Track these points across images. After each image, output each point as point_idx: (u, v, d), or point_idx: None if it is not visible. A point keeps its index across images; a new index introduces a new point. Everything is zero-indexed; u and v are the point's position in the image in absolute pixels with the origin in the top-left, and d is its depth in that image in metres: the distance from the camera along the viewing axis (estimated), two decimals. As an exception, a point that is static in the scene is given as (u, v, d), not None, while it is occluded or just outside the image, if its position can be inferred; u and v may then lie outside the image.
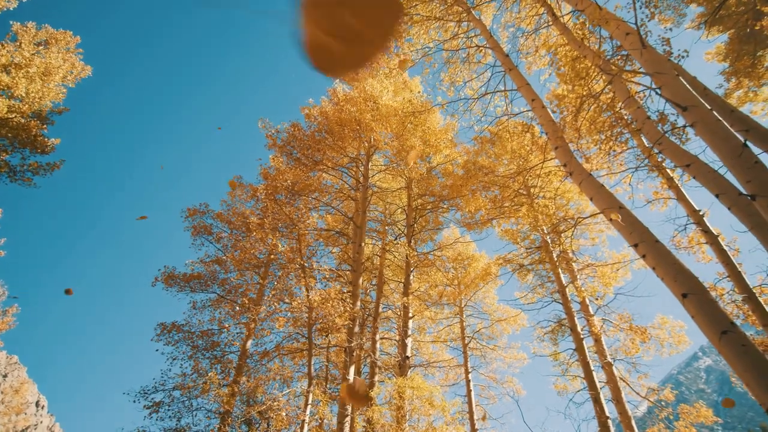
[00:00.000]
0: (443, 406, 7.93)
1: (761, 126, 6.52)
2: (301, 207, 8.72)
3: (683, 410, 12.78)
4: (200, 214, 9.45)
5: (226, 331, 8.82)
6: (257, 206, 9.04)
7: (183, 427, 7.87)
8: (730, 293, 10.48)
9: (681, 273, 4.77)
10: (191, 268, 9.27)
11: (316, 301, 7.33)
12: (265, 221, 8.10)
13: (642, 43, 5.88)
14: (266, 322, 8.62)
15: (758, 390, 3.77)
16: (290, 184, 8.81)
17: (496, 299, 15.61)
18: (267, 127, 9.79)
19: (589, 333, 11.76)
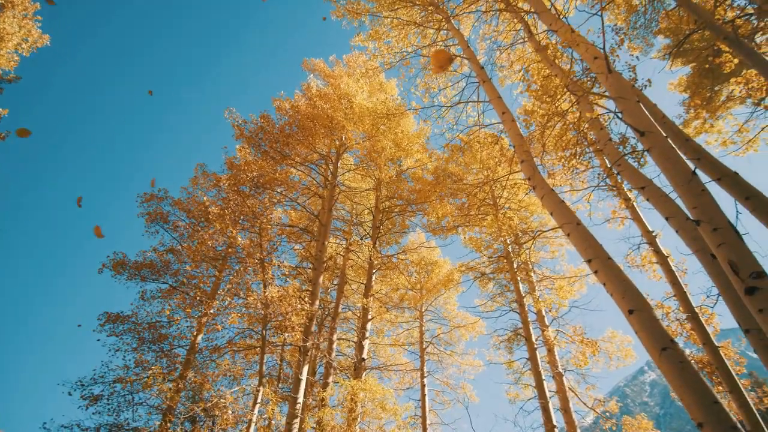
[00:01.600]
0: (395, 410, 7.91)
1: (712, 156, 6.84)
2: (266, 201, 8.51)
3: (626, 422, 13.33)
4: (158, 200, 9.00)
5: (176, 324, 8.46)
6: (219, 196, 8.75)
7: (121, 422, 7.46)
8: (675, 312, 11.03)
9: (629, 290, 4.94)
10: (143, 256, 8.83)
11: (273, 298, 7.16)
12: (226, 212, 7.84)
13: (608, 68, 6.06)
14: (219, 316, 8.32)
15: (692, 405, 3.94)
16: (256, 176, 8.59)
17: (456, 305, 15.84)
18: (233, 117, 9.51)
19: (543, 343, 12.08)
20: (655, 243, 11.24)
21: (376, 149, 10.23)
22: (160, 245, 8.99)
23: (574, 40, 7.13)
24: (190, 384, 7.75)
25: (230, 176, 8.62)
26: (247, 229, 8.52)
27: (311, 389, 9.27)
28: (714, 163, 6.66)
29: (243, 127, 9.45)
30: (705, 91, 14.31)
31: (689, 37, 12.66)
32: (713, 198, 4.52)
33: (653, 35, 13.90)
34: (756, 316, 3.81)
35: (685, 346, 11.84)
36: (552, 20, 7.70)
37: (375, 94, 12.25)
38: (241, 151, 9.48)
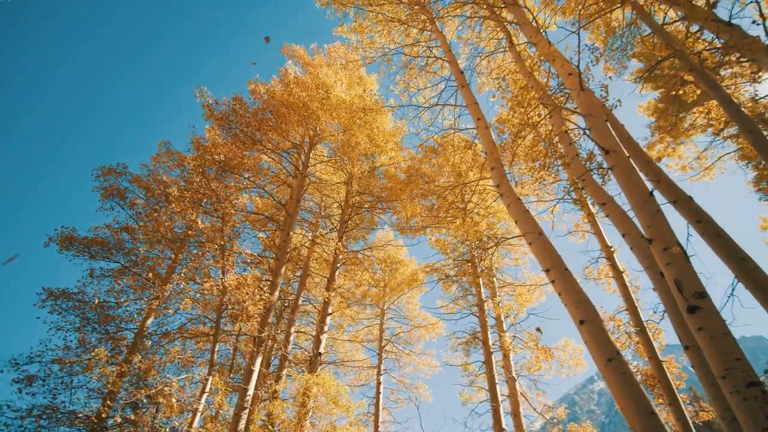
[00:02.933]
0: (348, 406, 7.87)
1: (670, 179, 7.11)
2: (232, 185, 8.25)
3: (572, 428, 13.80)
4: (115, 175, 8.51)
5: (125, 305, 8.09)
6: (183, 176, 8.41)
7: (57, 405, 7.06)
8: (625, 325, 11.50)
9: (582, 301, 5.08)
10: (95, 232, 8.35)
11: (230, 285, 6.96)
12: (187, 194, 7.55)
13: (581, 86, 6.19)
14: (172, 300, 8.02)
15: (631, 415, 4.09)
16: (223, 159, 8.31)
17: (418, 305, 15.97)
18: (204, 96, 9.15)
19: (499, 348, 12.33)
20: (613, 258, 11.66)
21: (350, 143, 10.11)
22: (114, 222, 8.54)
23: (551, 54, 7.26)
24: (135, 369, 7.43)
25: (196, 157, 8.30)
26: (210, 212, 8.25)
27: (264, 381, 9.10)
28: (671, 186, 6.93)
29: (213, 108, 9.11)
30: (670, 117, 14.91)
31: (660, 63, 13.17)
32: (666, 219, 4.69)
33: (628, 58, 14.36)
34: (695, 334, 3.97)
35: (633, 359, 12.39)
36: (533, 33, 7.81)
37: (354, 87, 12.12)
38: (209, 132, 9.14)
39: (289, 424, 7.53)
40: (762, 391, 3.56)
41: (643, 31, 13.06)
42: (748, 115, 7.79)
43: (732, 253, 5.95)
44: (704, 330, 3.88)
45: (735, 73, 11.75)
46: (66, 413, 7.10)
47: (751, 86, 12.02)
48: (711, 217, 6.48)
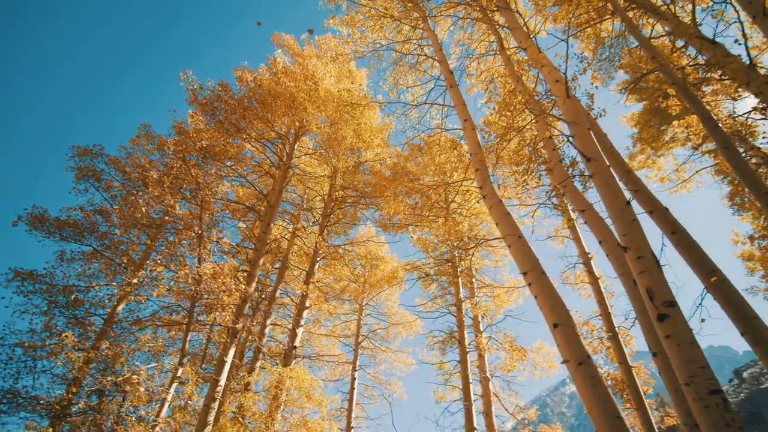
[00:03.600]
0: (321, 400, 7.82)
1: (648, 190, 7.25)
2: (213, 173, 8.07)
3: (542, 429, 14.06)
4: (91, 156, 8.21)
5: (96, 290, 7.83)
6: (162, 161, 8.19)
7: (18, 389, 6.80)
8: (598, 330, 11.74)
9: (557, 305, 5.15)
10: (67, 213, 8.04)
11: (206, 275, 6.82)
12: (167, 179, 7.36)
13: (567, 93, 6.26)
14: (145, 287, 7.80)
15: (597, 418, 4.17)
16: (205, 145, 8.13)
17: (397, 303, 16.01)
18: (189, 80, 8.90)
19: (475, 348, 12.46)
20: (590, 264, 11.89)
21: (336, 137, 10.01)
22: (88, 204, 8.26)
23: (539, 61, 7.31)
24: (103, 355, 7.21)
25: (177, 141, 8.09)
26: (189, 199, 8.06)
27: (236, 373, 8.98)
28: (649, 196, 7.08)
29: (198, 93, 8.89)
30: (652, 129, 15.23)
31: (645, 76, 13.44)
32: (642, 228, 4.78)
33: (615, 69, 14.59)
34: (663, 341, 4.06)
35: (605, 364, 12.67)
36: (523, 38, 7.85)
37: (343, 80, 12.00)
38: (192, 118, 8.93)
39: (260, 417, 7.45)
40: (723, 399, 3.66)
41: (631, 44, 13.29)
42: (725, 131, 8.00)
43: (703, 264, 6.11)
44: (672, 338, 3.97)
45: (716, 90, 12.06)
46: (28, 398, 6.85)
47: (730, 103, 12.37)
48: (685, 228, 6.64)
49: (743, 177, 6.91)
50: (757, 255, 12.24)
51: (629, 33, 10.11)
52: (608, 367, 12.31)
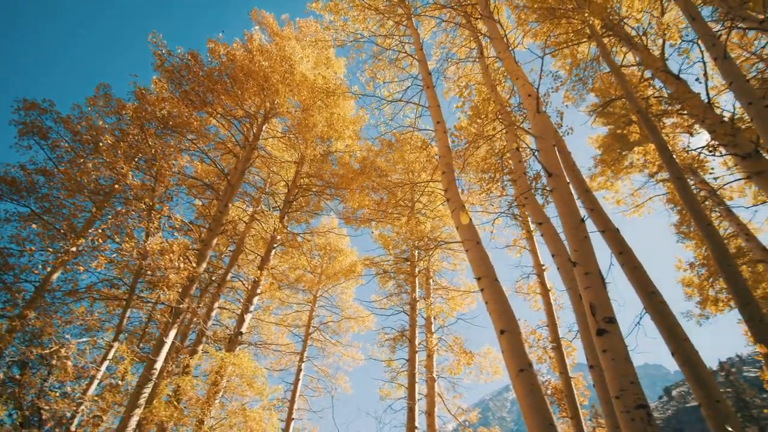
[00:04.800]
0: (263, 389, 7.65)
1: (603, 210, 7.51)
2: (172, 144, 7.68)
3: (481, 431, 14.42)
4: (39, 111, 7.54)
5: (30, 255, 7.27)
6: (118, 126, 7.70)
7: (-73, 359, 6.22)
8: (544, 340, 12.15)
9: (505, 312, 5.25)
10: (5, 169, 7.38)
11: (153, 250, 6.49)
12: (121, 145, 6.93)
13: (537, 108, 6.37)
14: (85, 256, 7.31)
15: (532, 424, 4.28)
16: (167, 115, 7.72)
17: (352, 297, 15.93)
18: (157, 44, 8.39)
19: (424, 348, 12.59)
20: (543, 276, 12.27)
21: (307, 123, 9.79)
22: (30, 163, 7.61)
23: (515, 73, 7.41)
24: (30, 325, 6.70)
25: (137, 107, 7.62)
26: (143, 169, 7.63)
27: (176, 355, 8.63)
28: (603, 216, 7.34)
29: (166, 59, 8.40)
30: (614, 153, 15.86)
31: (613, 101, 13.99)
32: (592, 246, 4.93)
33: (587, 91, 15.10)
34: (600, 355, 4.21)
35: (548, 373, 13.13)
36: (502, 48, 7.93)
37: (320, 67, 11.75)
38: (156, 84, 8.45)
39: (197, 402, 7.19)
40: (648, 414, 3.84)
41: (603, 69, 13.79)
42: (678, 163, 8.41)
43: (644, 285, 6.40)
44: (608, 352, 4.11)
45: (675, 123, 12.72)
46: (-61, 366, 6.29)
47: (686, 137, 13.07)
48: (632, 250, 6.95)
49: (690, 207, 7.27)
50: (695, 282, 12.99)
51: (603, 58, 10.45)
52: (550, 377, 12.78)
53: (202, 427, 6.98)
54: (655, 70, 10.09)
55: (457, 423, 13.14)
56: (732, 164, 12.05)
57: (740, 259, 11.93)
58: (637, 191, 15.62)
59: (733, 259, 6.91)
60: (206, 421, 7.11)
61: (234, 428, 7.08)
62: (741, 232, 11.27)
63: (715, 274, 12.31)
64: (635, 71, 12.66)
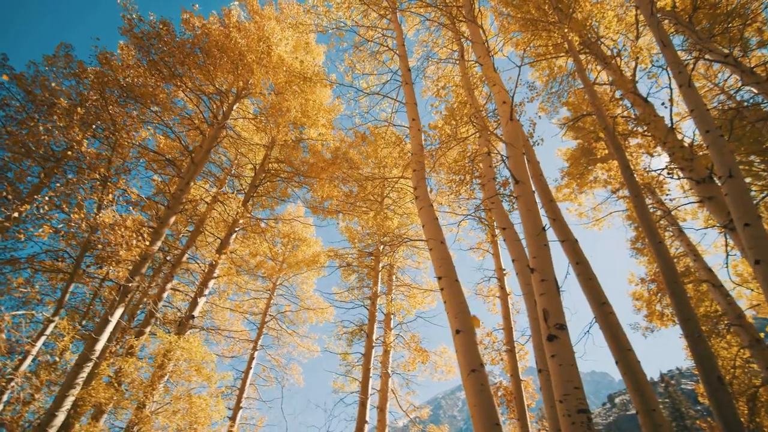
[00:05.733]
0: (211, 375, 7.43)
1: (564, 221, 7.72)
2: (134, 115, 7.28)
3: (430, 430, 14.63)
4: None
5: (-35, 218, 6.71)
6: (77, 90, 7.22)
7: None
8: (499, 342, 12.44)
9: (462, 312, 5.30)
10: (-57, 127, 6.76)
11: (104, 223, 6.14)
12: (78, 110, 6.51)
13: (510, 116, 6.46)
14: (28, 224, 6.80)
15: (478, 423, 4.35)
16: (131, 83, 7.31)
17: (313, 287, 15.73)
18: (128, 7, 7.88)
19: (381, 343, 12.63)
20: (503, 280, 12.54)
21: (281, 107, 9.53)
22: (-27, 120, 7.01)
23: (492, 79, 7.48)
24: (-41, 293, 6.23)
25: (99, 72, 7.17)
26: (100, 138, 7.20)
27: (122, 335, 8.25)
28: (564, 227, 7.55)
29: (135, 24, 7.92)
30: (580, 167, 16.36)
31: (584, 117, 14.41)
32: (551, 254, 5.04)
33: (561, 104, 15.49)
34: (548, 360, 4.31)
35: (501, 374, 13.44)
36: (482, 54, 7.98)
37: (299, 51, 11.47)
38: (123, 50, 7.96)
39: (139, 385, 6.90)
40: (588, 418, 3.97)
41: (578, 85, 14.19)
42: (638, 182, 8.73)
43: (596, 296, 6.63)
44: (556, 357, 4.22)
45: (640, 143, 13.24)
46: None
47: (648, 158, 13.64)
48: (588, 261, 7.18)
49: (645, 225, 7.58)
50: (645, 296, 13.59)
51: (578, 74, 10.72)
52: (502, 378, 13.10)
53: (143, 411, 6.71)
54: (625, 91, 10.45)
55: (408, 419, 13.25)
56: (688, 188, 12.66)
57: (687, 277, 12.56)
58: (598, 206, 16.18)
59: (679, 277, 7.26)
60: (148, 405, 6.84)
61: (178, 414, 6.85)
62: (690, 253, 11.88)
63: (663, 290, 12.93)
64: (607, 90, 13.08)
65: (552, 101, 15.23)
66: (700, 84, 15.11)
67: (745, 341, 9.58)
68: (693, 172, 8.05)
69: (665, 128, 9.05)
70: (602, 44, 11.38)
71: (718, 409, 5.45)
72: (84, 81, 7.21)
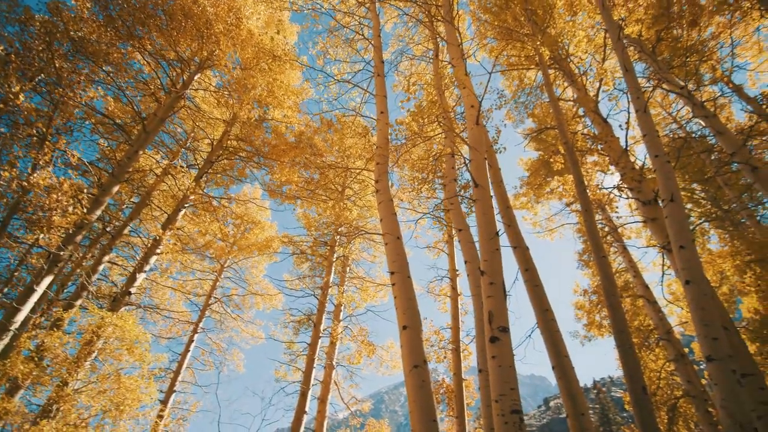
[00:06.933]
0: (144, 356, 7.05)
1: (518, 228, 7.92)
2: (83, 72, 6.72)
3: (369, 423, 14.71)
4: None
5: None
6: (21, 38, 6.55)
7: None
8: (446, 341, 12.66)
9: (410, 308, 5.32)
10: None
11: (38, 185, 5.64)
12: (16, 59, 5.91)
13: (476, 120, 6.52)
14: (-53, 178, 6.14)
15: (416, 419, 4.38)
16: (83, 38, 6.73)
17: (263, 272, 15.35)
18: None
19: (329, 334, 12.54)
20: (455, 280, 12.75)
21: (246, 83, 9.14)
22: None
23: (463, 82, 7.52)
24: None
25: (48, 21, 6.55)
26: (42, 93, 6.60)
27: (49, 307, 7.67)
28: (518, 234, 7.74)
29: (93, -25, 7.32)
30: (539, 178, 16.88)
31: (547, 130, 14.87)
32: (501, 259, 5.14)
33: (527, 116, 15.90)
34: (489, 360, 4.40)
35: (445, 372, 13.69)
36: (456, 56, 8.01)
37: (270, 28, 11.04)
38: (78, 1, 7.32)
39: (63, 361, 6.44)
40: (520, 419, 4.09)
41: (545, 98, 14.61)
42: (589, 197, 9.09)
43: (541, 302, 6.85)
44: (497, 358, 4.31)
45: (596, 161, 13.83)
46: None
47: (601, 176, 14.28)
48: (537, 269, 7.41)
49: (592, 239, 7.90)
50: (586, 306, 14.23)
51: (546, 88, 11.00)
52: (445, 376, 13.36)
53: (66, 389, 6.27)
54: (587, 110, 10.86)
55: (349, 412, 13.24)
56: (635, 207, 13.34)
57: (626, 292, 13.26)
58: (552, 217, 16.77)
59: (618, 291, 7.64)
60: (71, 383, 6.39)
61: (104, 394, 6.45)
62: (631, 269, 12.57)
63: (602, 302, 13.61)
64: (571, 106, 13.52)
65: (519, 111, 15.60)
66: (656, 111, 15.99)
67: (671, 355, 10.27)
68: (641, 193, 8.47)
69: (620, 149, 9.49)
70: (571, 62, 11.75)
71: (640, 416, 5.77)
72: (30, 29, 6.57)
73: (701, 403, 9.32)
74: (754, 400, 5.52)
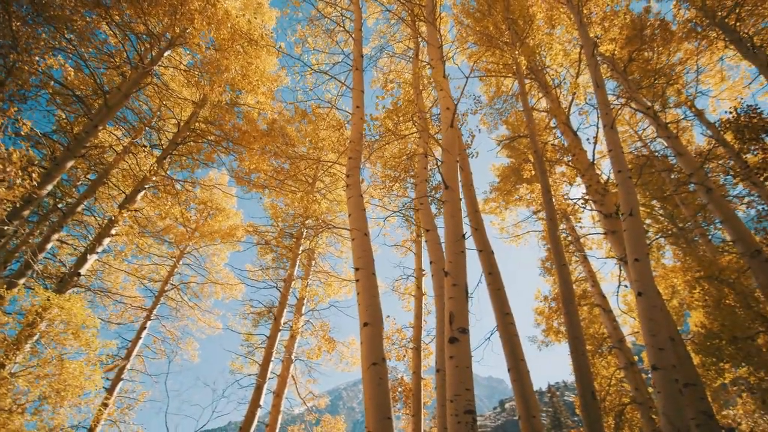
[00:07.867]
0: (91, 341, 6.69)
1: (485, 232, 8.04)
2: (43, 38, 6.28)
3: (325, 419, 14.63)
4: None
5: None
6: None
7: None
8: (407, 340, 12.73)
9: (372, 306, 5.29)
10: None
11: (-18, 153, 5.23)
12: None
13: (451, 122, 6.55)
14: None
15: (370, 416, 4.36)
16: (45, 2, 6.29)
17: (224, 261, 14.93)
18: None
19: (289, 328, 12.35)
20: (420, 280, 12.83)
21: (219, 65, 8.82)
22: None
23: (441, 84, 7.55)
24: None
25: (5, -21, 6.10)
26: (-6, 55, 6.12)
27: (-12, 285, 7.18)
28: (484, 238, 7.86)
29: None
30: (509, 185, 17.22)
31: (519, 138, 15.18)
32: (466, 261, 5.18)
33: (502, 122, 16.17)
34: (447, 361, 4.43)
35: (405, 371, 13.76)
36: (436, 57, 8.02)
37: (248, 10, 10.71)
38: (40, -36, 6.83)
39: (1, 342, 6.01)
40: (474, 419, 4.14)
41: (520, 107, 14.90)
42: (554, 206, 9.33)
43: (502, 306, 6.99)
44: (454, 359, 4.34)
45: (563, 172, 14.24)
46: None
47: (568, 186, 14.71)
48: (500, 273, 7.54)
49: (554, 247, 8.12)
50: (545, 312, 14.63)
51: (521, 97, 11.19)
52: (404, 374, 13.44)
53: (2, 371, 5.86)
54: (559, 121, 11.14)
55: (305, 407, 13.10)
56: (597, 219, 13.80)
57: (584, 300, 13.72)
58: (519, 223, 17.15)
59: (575, 299, 7.90)
60: (9, 365, 5.99)
61: (44, 379, 6.08)
62: (590, 279, 13.02)
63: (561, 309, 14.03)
64: (543, 117, 13.85)
65: (494, 117, 15.83)
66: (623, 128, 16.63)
67: (622, 363, 10.72)
68: (603, 206, 8.76)
69: (587, 162, 9.78)
70: (547, 73, 12.02)
71: (588, 421, 5.97)
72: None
73: (646, 410, 9.77)
74: (694, 408, 5.82)
